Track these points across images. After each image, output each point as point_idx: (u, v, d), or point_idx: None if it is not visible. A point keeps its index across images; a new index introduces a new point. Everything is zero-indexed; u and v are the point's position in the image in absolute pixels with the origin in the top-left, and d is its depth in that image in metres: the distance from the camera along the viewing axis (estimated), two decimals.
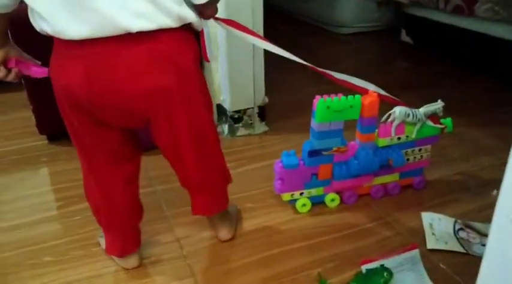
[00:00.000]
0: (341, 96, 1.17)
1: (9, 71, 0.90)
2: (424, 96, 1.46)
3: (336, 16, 3.18)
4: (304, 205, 1.29)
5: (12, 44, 0.92)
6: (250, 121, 1.81)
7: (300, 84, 2.28)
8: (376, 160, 1.26)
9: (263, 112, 1.83)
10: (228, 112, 1.77)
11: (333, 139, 1.22)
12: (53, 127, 1.70)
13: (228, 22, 1.06)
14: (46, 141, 1.77)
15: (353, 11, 3.13)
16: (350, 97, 1.18)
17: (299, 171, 1.24)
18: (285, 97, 2.12)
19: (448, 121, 1.33)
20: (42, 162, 1.65)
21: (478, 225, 1.23)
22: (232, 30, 1.07)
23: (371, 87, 1.24)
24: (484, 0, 2.14)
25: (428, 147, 1.35)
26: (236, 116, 1.78)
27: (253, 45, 1.63)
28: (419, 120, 1.27)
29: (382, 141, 1.28)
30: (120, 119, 0.91)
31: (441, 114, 1.31)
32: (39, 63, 0.93)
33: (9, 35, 0.91)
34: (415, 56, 2.71)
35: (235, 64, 1.69)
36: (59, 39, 0.81)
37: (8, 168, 1.62)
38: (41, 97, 1.55)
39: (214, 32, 1.68)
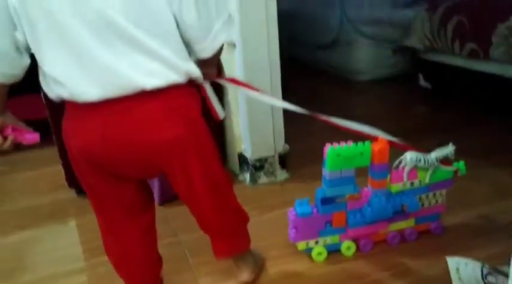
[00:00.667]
0: (351, 144, 1.21)
1: (5, 138, 0.92)
2: (445, 141, 1.44)
3: (353, 64, 3.26)
4: (319, 253, 1.30)
5: (7, 111, 0.94)
6: (271, 169, 1.85)
7: (320, 130, 2.31)
8: (389, 207, 1.27)
9: (284, 160, 1.86)
10: (249, 161, 1.82)
11: (345, 187, 1.24)
12: None
13: (231, 80, 1.12)
14: (75, 194, 1.85)
15: (369, 58, 3.21)
16: (360, 144, 1.22)
17: (313, 219, 1.27)
18: (306, 144, 2.13)
19: (461, 164, 1.34)
20: (71, 214, 1.73)
21: (507, 269, 1.20)
22: (235, 86, 1.14)
23: (379, 134, 1.27)
24: (498, 43, 2.17)
25: (443, 191, 1.35)
26: (257, 165, 1.82)
27: (272, 90, 1.69)
28: (431, 164, 1.29)
29: (395, 187, 1.30)
30: (137, 172, 0.97)
31: (453, 158, 1.32)
32: (31, 129, 0.96)
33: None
34: (434, 101, 2.73)
35: (255, 113, 1.75)
36: (73, 101, 0.86)
37: (40, 221, 1.70)
38: None
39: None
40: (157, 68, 0.86)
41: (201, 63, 0.95)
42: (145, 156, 0.92)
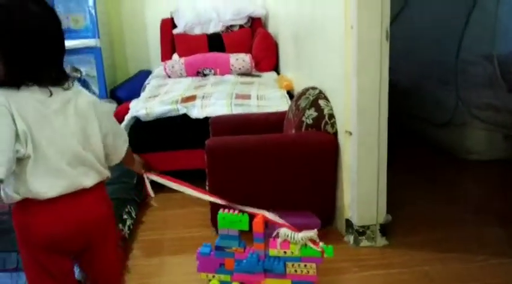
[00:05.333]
0: (234, 212, 1.72)
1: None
2: None
3: (465, 144, 3.39)
4: None
5: None
6: (372, 236, 2.18)
7: (424, 202, 2.60)
8: (260, 264, 1.71)
9: (385, 229, 2.19)
10: (354, 226, 2.20)
11: (232, 241, 1.75)
12: None
13: (157, 175, 1.69)
14: (215, 233, 2.27)
15: (481, 140, 3.32)
16: (241, 214, 1.72)
17: (210, 259, 1.80)
18: (408, 214, 2.42)
19: (329, 248, 1.67)
20: None
21: None
22: (161, 180, 1.69)
23: (266, 213, 1.72)
24: None
25: (313, 265, 1.69)
26: (361, 230, 2.19)
27: (378, 170, 2.12)
28: (297, 241, 1.67)
29: (272, 252, 1.73)
30: (77, 244, 1.36)
31: (317, 240, 1.66)
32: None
33: None
34: None
35: (362, 186, 2.13)
36: (36, 200, 1.24)
37: (181, 249, 2.21)
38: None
39: (347, 160, 2.18)
40: (92, 173, 1.35)
41: (126, 163, 1.57)
42: (87, 229, 1.36)
